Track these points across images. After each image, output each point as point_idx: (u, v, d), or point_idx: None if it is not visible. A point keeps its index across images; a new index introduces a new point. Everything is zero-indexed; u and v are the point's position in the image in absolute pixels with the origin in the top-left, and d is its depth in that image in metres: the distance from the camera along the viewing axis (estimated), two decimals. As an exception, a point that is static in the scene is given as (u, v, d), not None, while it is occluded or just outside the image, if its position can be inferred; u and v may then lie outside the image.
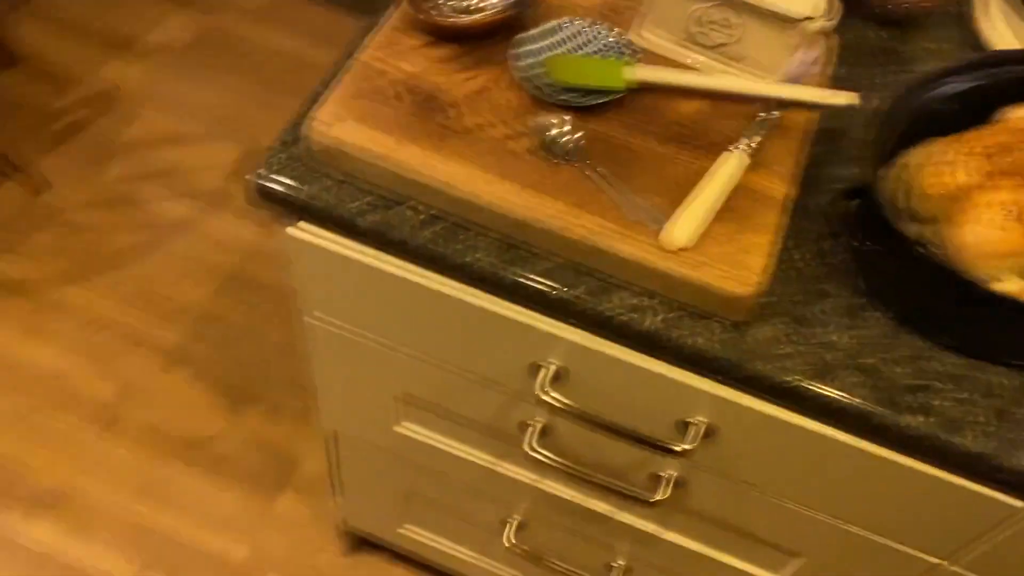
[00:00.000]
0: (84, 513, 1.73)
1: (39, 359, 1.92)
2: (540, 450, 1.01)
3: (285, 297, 2.07)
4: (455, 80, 0.90)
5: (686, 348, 0.83)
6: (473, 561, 1.50)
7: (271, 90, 2.38)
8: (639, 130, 0.89)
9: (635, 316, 0.83)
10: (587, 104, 0.88)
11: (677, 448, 0.90)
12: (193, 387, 1.91)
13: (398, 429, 1.20)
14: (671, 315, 0.83)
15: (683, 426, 0.92)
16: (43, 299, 2.00)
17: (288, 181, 0.88)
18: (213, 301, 2.05)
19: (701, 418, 0.91)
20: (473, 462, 1.19)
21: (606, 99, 0.89)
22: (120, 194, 2.19)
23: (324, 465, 1.84)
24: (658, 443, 0.91)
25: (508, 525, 1.29)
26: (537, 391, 0.92)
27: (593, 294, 0.84)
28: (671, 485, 1.01)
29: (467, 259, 0.85)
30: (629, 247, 0.81)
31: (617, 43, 0.93)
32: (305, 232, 0.92)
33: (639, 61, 0.92)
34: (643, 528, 1.15)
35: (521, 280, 0.85)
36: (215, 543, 1.73)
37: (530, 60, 0.90)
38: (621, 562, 1.27)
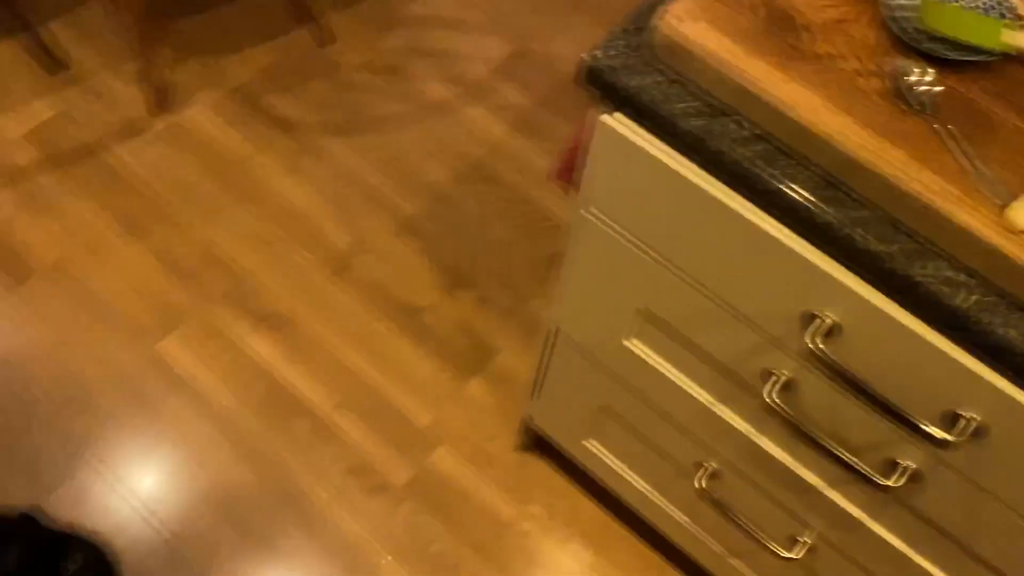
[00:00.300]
0: (302, 342, 1.89)
1: (293, 196, 2.08)
2: (779, 403, 0.99)
3: (518, 198, 2.12)
4: (814, 4, 0.87)
5: (993, 337, 0.77)
6: (645, 493, 1.51)
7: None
8: (1004, 99, 0.82)
9: (946, 290, 0.78)
10: (954, 58, 0.83)
11: (939, 436, 0.85)
12: (418, 258, 2.02)
13: (627, 344, 1.21)
14: (988, 298, 0.78)
15: (952, 417, 0.87)
16: (308, 143, 2.16)
17: (620, 68, 0.89)
18: (452, 186, 2.14)
19: (975, 414, 0.85)
20: (693, 397, 1.18)
21: (976, 58, 0.83)
22: (393, 64, 2.30)
23: (519, 362, 1.91)
24: (920, 426, 0.86)
25: (703, 469, 1.29)
26: (808, 341, 0.89)
27: (907, 256, 0.80)
28: (906, 475, 0.96)
29: (780, 186, 0.83)
30: (966, 216, 0.76)
31: (1000, 4, 0.86)
32: (619, 124, 0.92)
33: (1021, 28, 0.85)
34: (849, 511, 1.11)
35: (833, 223, 0.82)
36: (405, 403, 1.84)
37: (904, 1, 0.85)
38: (808, 539, 1.23)
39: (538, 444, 1.81)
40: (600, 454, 1.54)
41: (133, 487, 1.69)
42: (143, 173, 2.06)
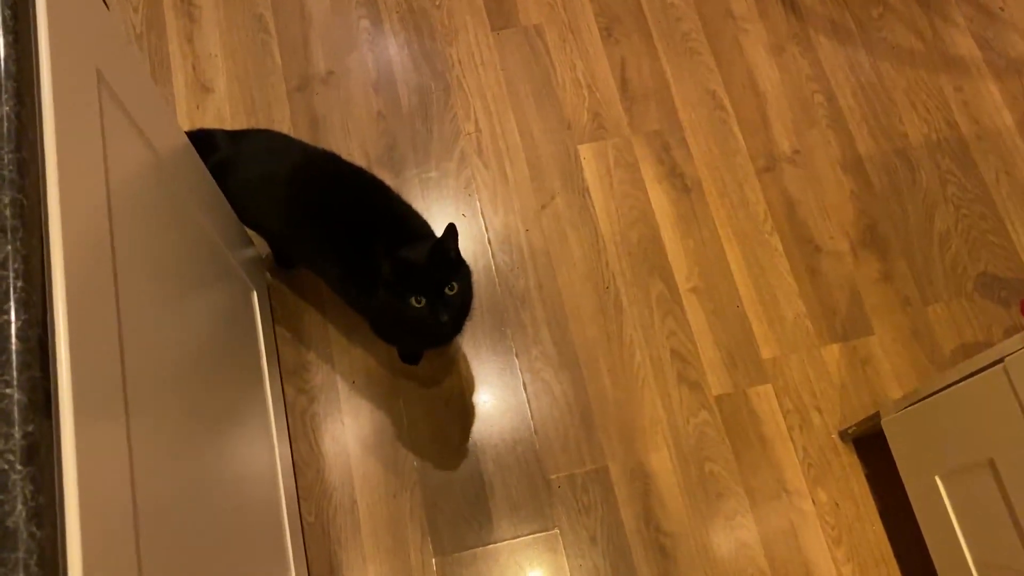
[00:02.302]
0: (691, 212, 1.85)
1: (761, 75, 1.98)
2: None
3: (981, 199, 1.87)
4: None
5: None
6: (965, 558, 1.34)
7: None
8: None
9: None
10: None
11: None
12: (846, 200, 1.87)
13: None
14: None
15: None
16: (804, 31, 2.01)
17: None
18: (919, 148, 1.92)
19: None
20: None
21: None
22: (932, -4, 2.05)
23: (888, 354, 1.73)
24: None
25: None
26: None
27: None
28: None
29: None
30: None
31: None
32: None
33: None
34: None
35: None
36: (758, 325, 1.76)
37: None
38: None
39: (860, 442, 1.67)
40: (943, 498, 1.38)
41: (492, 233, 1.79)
42: (642, -17, 2.05)
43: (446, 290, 1.27)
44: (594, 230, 1.82)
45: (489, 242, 1.80)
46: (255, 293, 1.48)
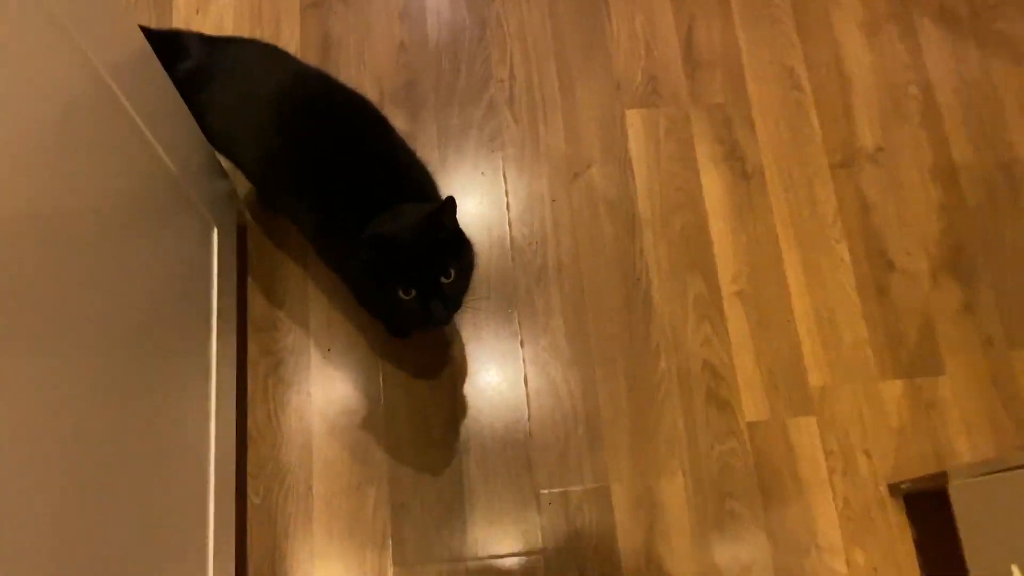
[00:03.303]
0: (746, 201, 1.57)
1: (849, 56, 1.69)
2: None
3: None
4: None
5: None
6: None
7: None
8: None
9: None
10: None
11: None
12: (932, 213, 1.58)
13: None
14: None
15: None
16: (905, 13, 1.72)
17: None
18: (1027, 163, 1.63)
19: None
20: None
21: None
22: (1064, -12, 1.75)
23: (958, 399, 1.47)
24: None
25: None
26: None
27: None
28: None
29: None
30: None
31: None
32: None
33: None
34: None
35: None
36: (808, 346, 1.49)
37: None
38: None
39: (913, 499, 1.40)
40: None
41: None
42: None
43: (442, 279, 1.02)
44: (631, 210, 1.55)
45: (508, 208, 1.55)
46: (216, 231, 1.24)
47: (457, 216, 1.04)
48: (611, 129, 1.61)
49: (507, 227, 1.53)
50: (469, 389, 1.44)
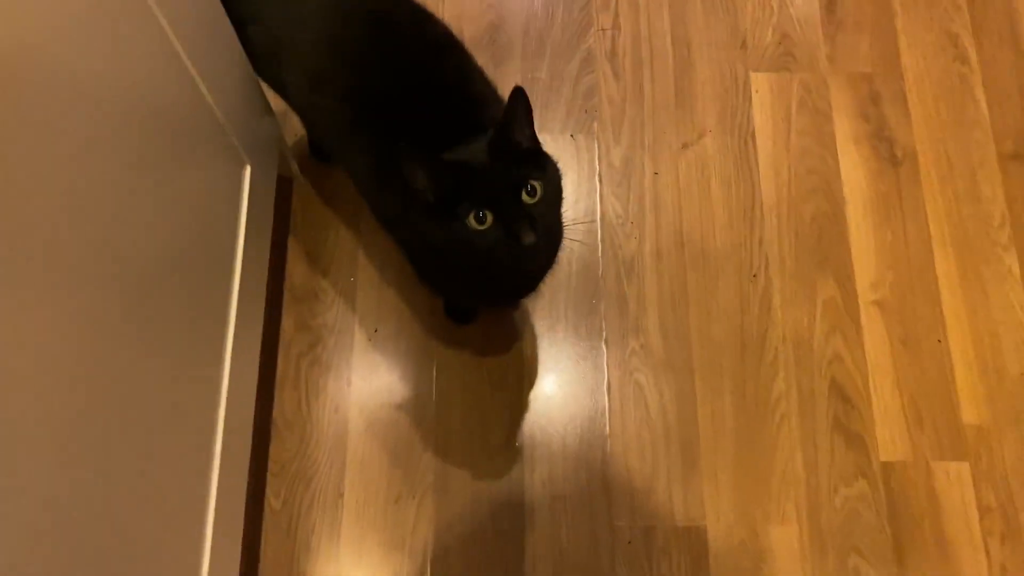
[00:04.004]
0: (894, 191, 1.29)
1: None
2: None
3: None
4: None
5: None
6: None
7: None
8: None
9: None
10: None
11: None
12: None
13: None
14: None
15: None
16: (1102, -22, 1.41)
17: None
18: None
19: None
20: None
21: None
22: None
23: None
24: None
25: None
26: None
27: None
28: None
29: None
30: None
31: None
32: None
33: None
34: None
35: None
36: (963, 372, 1.20)
37: None
38: None
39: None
40: None
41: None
42: None
43: (523, 195, 0.77)
44: (752, 191, 1.28)
45: (600, 179, 1.29)
46: (248, 169, 1.01)
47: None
48: (732, 94, 1.34)
49: (597, 201, 1.27)
50: (538, 393, 1.19)
